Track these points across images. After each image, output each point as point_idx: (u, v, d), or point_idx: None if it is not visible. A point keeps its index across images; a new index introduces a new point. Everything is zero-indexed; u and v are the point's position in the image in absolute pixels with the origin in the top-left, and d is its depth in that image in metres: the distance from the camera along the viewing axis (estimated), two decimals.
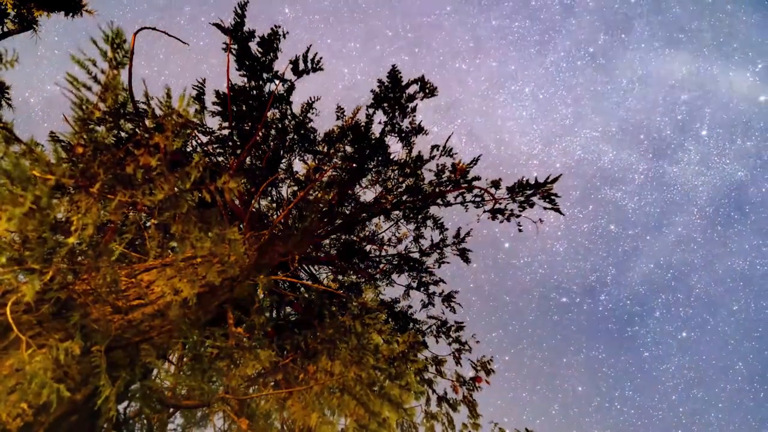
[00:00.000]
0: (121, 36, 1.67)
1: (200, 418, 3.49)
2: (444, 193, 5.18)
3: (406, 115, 5.05)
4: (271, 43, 4.23)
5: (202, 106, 4.46)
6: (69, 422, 1.54)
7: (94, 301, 1.84)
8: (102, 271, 1.81)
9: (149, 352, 1.95)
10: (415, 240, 5.87)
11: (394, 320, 5.62)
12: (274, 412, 3.31)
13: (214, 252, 2.35)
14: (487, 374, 4.80)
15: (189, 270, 2.46)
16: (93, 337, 1.70)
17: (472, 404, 4.56)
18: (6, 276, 1.50)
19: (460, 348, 5.27)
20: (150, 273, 2.32)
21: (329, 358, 3.32)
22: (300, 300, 4.39)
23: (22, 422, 1.35)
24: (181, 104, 1.71)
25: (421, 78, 4.84)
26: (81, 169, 1.62)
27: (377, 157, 5.25)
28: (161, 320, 2.11)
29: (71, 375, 1.56)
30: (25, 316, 1.57)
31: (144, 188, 1.73)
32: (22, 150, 1.47)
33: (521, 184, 4.71)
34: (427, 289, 5.83)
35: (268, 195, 5.54)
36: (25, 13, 3.52)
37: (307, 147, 5.17)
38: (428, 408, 4.59)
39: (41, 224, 1.44)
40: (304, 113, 4.89)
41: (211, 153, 4.77)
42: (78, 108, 1.65)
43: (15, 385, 1.38)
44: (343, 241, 5.91)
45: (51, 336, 1.56)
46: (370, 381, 3.22)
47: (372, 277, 5.77)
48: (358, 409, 3.10)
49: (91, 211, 1.59)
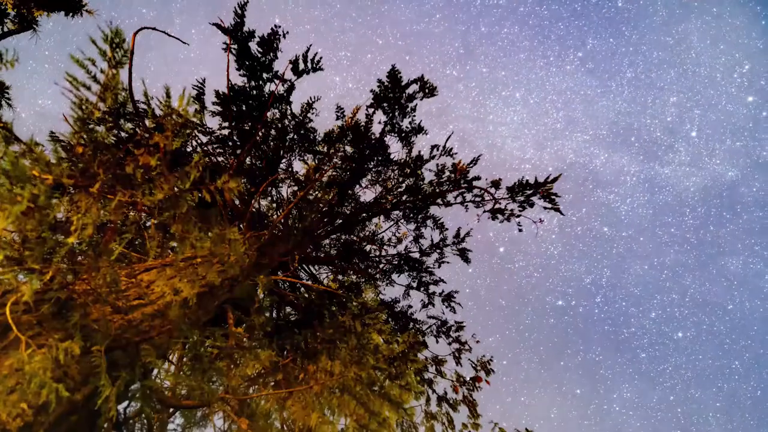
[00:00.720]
0: (120, 36, 1.67)
1: (200, 418, 3.49)
2: (444, 193, 5.18)
3: (406, 115, 5.05)
4: (271, 43, 4.23)
5: (202, 106, 4.46)
6: (69, 422, 1.54)
7: (94, 301, 1.84)
8: (102, 271, 1.81)
9: (149, 352, 1.95)
10: (415, 240, 5.87)
11: (394, 320, 5.62)
12: (274, 412, 3.30)
13: (214, 252, 2.35)
14: (487, 374, 4.80)
15: (189, 270, 2.46)
16: (93, 337, 1.70)
17: (472, 404, 4.56)
18: (6, 276, 1.50)
19: (460, 348, 5.27)
20: (150, 273, 2.32)
21: (329, 358, 3.32)
22: (300, 300, 4.39)
23: (22, 422, 1.35)
24: (181, 104, 1.71)
25: (421, 78, 4.84)
26: (81, 169, 1.62)
27: (377, 157, 5.25)
28: (161, 320, 2.11)
29: (71, 375, 1.56)
30: (25, 316, 1.57)
31: (144, 188, 1.73)
32: (22, 150, 1.47)
33: (521, 184, 4.71)
34: (427, 289, 5.83)
35: (268, 195, 5.54)
36: (25, 13, 3.52)
37: (307, 147, 5.17)
38: (428, 408, 4.59)
39: (40, 224, 1.44)
40: (304, 113, 4.89)
41: (211, 153, 4.77)
42: (78, 108, 1.65)
43: (15, 385, 1.38)
44: (343, 241, 5.91)
45: (51, 336, 1.55)
46: (370, 381, 3.22)
47: (372, 277, 5.77)
48: (358, 409, 3.10)
49: (90, 211, 1.59)
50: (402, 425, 3.79)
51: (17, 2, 3.36)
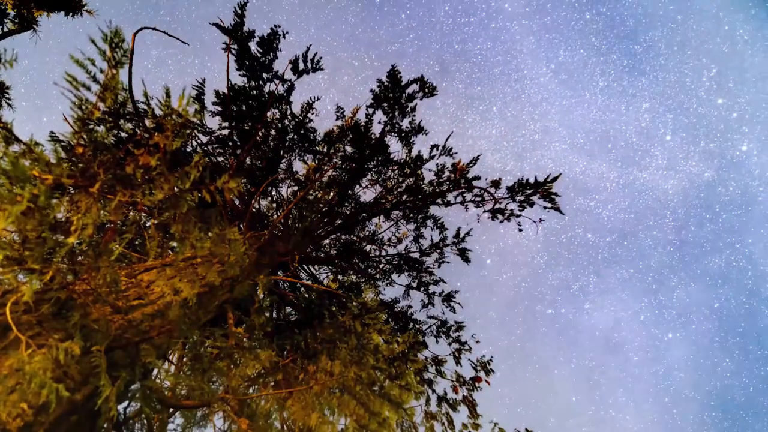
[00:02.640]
0: (120, 35, 1.67)
1: (200, 418, 3.49)
2: (444, 193, 5.18)
3: (405, 115, 5.05)
4: (270, 43, 4.23)
5: (202, 106, 4.46)
6: (69, 422, 1.54)
7: (94, 301, 1.84)
8: (102, 271, 1.81)
9: (149, 352, 1.95)
10: (415, 240, 5.87)
11: (394, 320, 5.62)
12: (274, 412, 3.30)
13: (214, 252, 2.35)
14: (487, 374, 4.80)
15: (189, 270, 2.46)
16: (93, 337, 1.70)
17: (472, 404, 4.56)
18: (6, 276, 1.50)
19: (460, 348, 5.27)
20: (150, 273, 2.32)
21: (329, 358, 3.32)
22: (300, 300, 4.39)
23: (22, 422, 1.35)
24: (181, 104, 1.71)
25: (421, 78, 4.84)
26: (81, 169, 1.62)
27: (377, 157, 5.25)
28: (161, 320, 2.11)
29: (71, 375, 1.56)
30: (25, 316, 1.57)
31: (144, 188, 1.73)
32: (22, 150, 1.47)
33: (521, 184, 4.71)
34: (427, 289, 5.83)
35: (268, 195, 5.54)
36: (25, 13, 3.52)
37: (307, 147, 5.17)
38: (428, 408, 4.59)
39: (40, 224, 1.44)
40: (304, 113, 4.89)
41: (211, 153, 4.77)
42: (77, 108, 1.65)
43: (15, 385, 1.38)
44: (343, 241, 5.91)
45: (51, 336, 1.56)
46: (370, 381, 3.22)
47: (372, 277, 5.77)
48: (358, 409, 3.10)
49: (90, 211, 1.59)
50: (402, 425, 3.79)
51: (17, 2, 3.36)
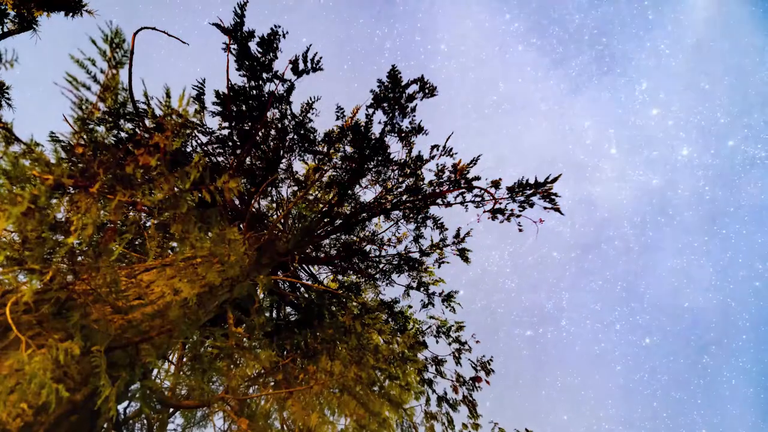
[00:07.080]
0: (120, 35, 1.67)
1: (200, 418, 3.49)
2: (444, 193, 5.18)
3: (405, 115, 5.05)
4: (270, 43, 4.23)
5: (202, 106, 4.46)
6: (69, 422, 1.54)
7: (94, 301, 1.84)
8: (102, 271, 1.81)
9: (149, 352, 1.95)
10: (415, 240, 5.87)
11: (394, 320, 5.62)
12: (274, 412, 3.30)
13: (214, 252, 2.35)
14: (486, 374, 4.80)
15: (189, 270, 2.46)
16: (93, 337, 1.69)
17: (472, 404, 4.56)
18: (6, 276, 1.50)
19: (460, 348, 5.27)
20: (150, 273, 2.32)
21: (329, 358, 3.31)
22: (300, 300, 4.38)
23: (22, 422, 1.35)
24: (181, 104, 1.71)
25: (421, 78, 4.84)
26: (81, 169, 1.62)
27: (377, 157, 5.25)
28: (161, 320, 2.11)
29: (71, 375, 1.56)
30: (25, 316, 1.57)
31: (144, 188, 1.73)
32: (22, 150, 1.47)
33: (521, 184, 4.71)
34: (427, 289, 5.82)
35: (268, 195, 5.54)
36: (25, 13, 3.51)
37: (307, 147, 5.17)
38: (428, 408, 4.59)
39: (40, 224, 1.44)
40: (304, 113, 4.89)
41: (211, 153, 4.77)
42: (78, 108, 1.65)
43: (15, 385, 1.38)
44: (343, 241, 5.91)
45: (51, 336, 1.55)
46: (370, 381, 3.22)
47: (372, 277, 5.77)
48: (358, 409, 3.10)
49: (90, 211, 1.59)
50: (402, 425, 3.79)
51: (17, 2, 3.36)
